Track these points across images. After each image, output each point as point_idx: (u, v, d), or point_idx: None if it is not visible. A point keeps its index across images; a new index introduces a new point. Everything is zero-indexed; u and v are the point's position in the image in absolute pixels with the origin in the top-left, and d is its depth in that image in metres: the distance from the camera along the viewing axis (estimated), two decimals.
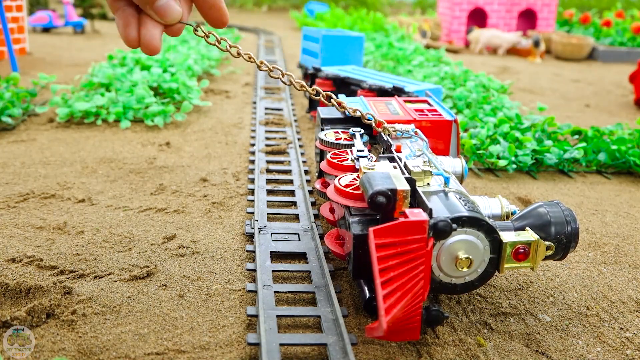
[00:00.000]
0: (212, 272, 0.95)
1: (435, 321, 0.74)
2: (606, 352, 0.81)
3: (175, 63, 2.46)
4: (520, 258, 0.79)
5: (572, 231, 0.83)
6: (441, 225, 0.70)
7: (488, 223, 0.76)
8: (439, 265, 0.77)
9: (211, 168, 1.45)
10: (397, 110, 1.22)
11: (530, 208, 0.87)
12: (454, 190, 0.84)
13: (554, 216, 0.84)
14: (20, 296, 0.86)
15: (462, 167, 1.04)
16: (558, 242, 0.83)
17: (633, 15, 5.28)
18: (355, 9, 6.30)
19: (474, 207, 0.80)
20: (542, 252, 0.80)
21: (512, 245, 0.78)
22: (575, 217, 0.85)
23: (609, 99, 2.68)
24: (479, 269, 0.78)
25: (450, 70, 2.62)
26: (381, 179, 0.78)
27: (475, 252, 0.76)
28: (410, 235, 0.69)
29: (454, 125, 1.16)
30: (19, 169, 1.38)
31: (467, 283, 0.78)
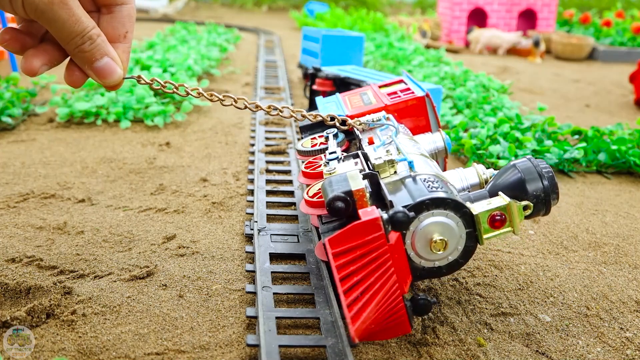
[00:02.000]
0: (212, 272, 0.95)
1: (424, 310, 0.73)
2: (606, 352, 0.81)
3: (175, 63, 2.46)
4: (497, 225, 0.77)
5: (548, 184, 0.81)
6: (398, 217, 0.69)
7: (453, 199, 0.74)
8: (416, 252, 0.75)
9: (211, 168, 1.45)
10: (370, 99, 1.18)
11: (501, 170, 0.85)
12: (421, 172, 0.82)
13: (526, 173, 0.81)
14: (20, 296, 0.86)
15: (443, 140, 1.02)
16: (536, 199, 0.80)
17: (633, 15, 5.28)
18: (355, 9, 6.30)
19: (442, 186, 0.78)
20: (520, 213, 0.78)
21: (486, 215, 0.76)
22: (550, 169, 0.82)
23: (609, 99, 2.68)
24: (459, 246, 0.76)
25: (450, 70, 2.62)
26: (337, 183, 0.77)
27: (448, 231, 0.75)
28: (366, 236, 0.68)
29: (427, 100, 1.12)
30: (19, 169, 1.38)
31: (451, 263, 0.77)
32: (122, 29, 0.72)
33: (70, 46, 0.67)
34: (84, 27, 0.66)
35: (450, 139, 1.04)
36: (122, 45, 0.72)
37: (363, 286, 0.67)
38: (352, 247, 0.68)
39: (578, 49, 4.02)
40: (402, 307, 0.70)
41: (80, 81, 0.70)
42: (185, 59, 2.56)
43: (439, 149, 1.02)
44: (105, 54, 0.69)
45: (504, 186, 0.82)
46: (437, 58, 3.13)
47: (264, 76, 2.67)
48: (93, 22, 0.67)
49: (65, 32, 0.65)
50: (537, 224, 1.22)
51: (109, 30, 0.71)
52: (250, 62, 3.21)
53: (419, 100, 1.12)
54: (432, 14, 5.88)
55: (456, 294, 0.93)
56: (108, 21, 0.71)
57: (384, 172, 0.83)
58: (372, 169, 0.85)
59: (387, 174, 0.83)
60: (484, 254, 1.07)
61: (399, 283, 0.70)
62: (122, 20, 0.72)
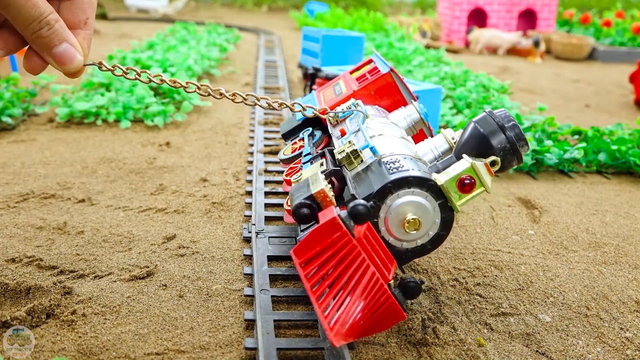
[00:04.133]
0: (212, 272, 0.95)
1: (414, 292, 0.72)
2: (606, 352, 0.81)
3: (175, 63, 2.46)
4: (468, 189, 0.75)
5: (512, 134, 0.78)
6: (358, 210, 0.68)
7: (414, 176, 0.73)
8: (394, 237, 0.75)
9: (211, 168, 1.45)
10: (342, 89, 1.14)
11: (463, 131, 0.82)
12: (385, 154, 0.80)
13: (487, 128, 0.78)
14: (20, 296, 0.86)
15: (417, 111, 0.99)
16: (503, 151, 0.77)
17: (633, 15, 5.27)
18: (355, 9, 6.30)
19: (403, 165, 0.77)
20: (488, 171, 0.76)
21: (453, 182, 0.75)
22: (510, 117, 0.79)
23: (609, 99, 2.68)
24: (435, 219, 0.75)
25: (450, 70, 2.62)
26: (299, 190, 0.76)
27: (419, 208, 0.74)
28: (329, 238, 0.67)
29: (393, 75, 1.08)
30: (19, 169, 1.38)
31: (433, 238, 0.76)
32: (83, 15, 0.70)
33: (28, 32, 0.66)
34: (41, 12, 0.65)
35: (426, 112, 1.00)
36: (82, 32, 0.71)
37: (337, 289, 0.67)
38: (318, 252, 0.67)
39: (578, 49, 4.01)
40: (389, 296, 0.69)
41: (39, 68, 0.69)
42: (185, 59, 2.56)
43: (415, 120, 0.99)
44: (64, 40, 0.67)
45: (468, 147, 0.79)
46: (437, 58, 3.13)
47: (264, 76, 2.67)
48: (51, 8, 0.66)
49: (21, 17, 0.64)
50: (537, 224, 1.22)
51: (68, 16, 0.69)
52: (250, 62, 3.21)
53: (385, 77, 1.08)
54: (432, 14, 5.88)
55: (456, 294, 0.93)
56: (68, 7, 0.70)
57: (351, 164, 0.82)
58: (339, 164, 0.83)
59: (355, 164, 0.81)
60: (484, 254, 1.07)
61: (380, 273, 0.69)
62: (83, 6, 0.70)
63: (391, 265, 0.73)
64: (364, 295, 0.67)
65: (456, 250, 1.08)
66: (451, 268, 1.01)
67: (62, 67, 0.68)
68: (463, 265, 1.02)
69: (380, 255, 0.71)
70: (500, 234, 1.16)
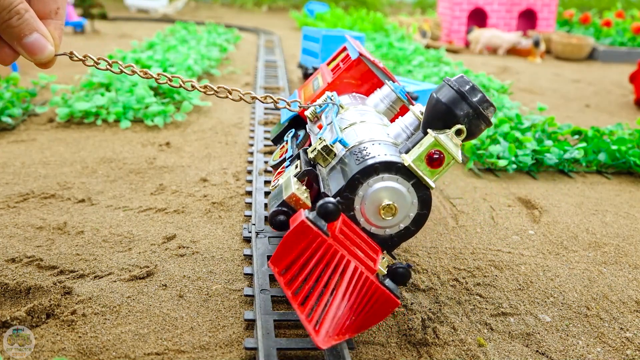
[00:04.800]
0: (212, 272, 0.95)
1: (404, 277, 0.71)
2: (606, 352, 0.81)
3: (175, 63, 2.46)
4: (437, 164, 0.73)
5: (474, 99, 0.74)
6: (327, 208, 0.67)
7: (380, 162, 0.72)
8: (375, 225, 0.74)
9: (211, 168, 1.45)
10: (319, 83, 1.10)
11: (426, 104, 0.80)
12: (355, 144, 0.79)
13: (447, 98, 0.75)
14: (20, 296, 0.86)
15: (392, 90, 0.97)
16: (467, 118, 0.74)
17: (633, 15, 5.27)
18: (355, 9, 6.30)
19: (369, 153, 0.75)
20: (455, 140, 0.74)
21: (420, 160, 0.73)
22: (470, 82, 0.76)
23: (609, 99, 2.68)
24: (413, 200, 0.74)
25: (451, 70, 2.62)
26: (273, 198, 0.75)
27: (393, 193, 0.73)
28: (302, 242, 0.66)
29: (363, 59, 1.05)
30: (19, 169, 1.38)
31: (414, 218, 0.75)
32: (54, 5, 0.70)
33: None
34: (11, 1, 0.64)
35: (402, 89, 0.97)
36: (53, 22, 0.70)
37: (318, 290, 0.66)
38: (295, 258, 0.66)
39: (578, 49, 4.01)
40: (377, 287, 0.68)
41: (9, 58, 0.68)
42: (185, 59, 2.56)
43: (393, 100, 0.97)
44: (34, 30, 0.67)
45: (433, 120, 0.76)
46: (437, 58, 3.13)
47: (264, 76, 2.67)
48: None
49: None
50: (537, 224, 1.22)
51: (39, 6, 0.69)
52: (250, 62, 3.21)
53: (356, 63, 1.05)
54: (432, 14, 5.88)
55: (456, 294, 0.93)
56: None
57: (326, 161, 0.80)
58: (314, 163, 0.82)
59: (329, 160, 0.80)
60: (484, 254, 1.07)
61: (364, 265, 0.68)
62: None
63: (376, 254, 0.72)
64: (350, 291, 0.67)
65: (456, 250, 1.08)
66: (451, 268, 1.01)
67: (32, 58, 0.68)
68: (463, 265, 1.02)
69: (362, 247, 0.71)
70: (500, 234, 1.16)
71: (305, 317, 0.65)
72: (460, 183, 1.44)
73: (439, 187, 1.40)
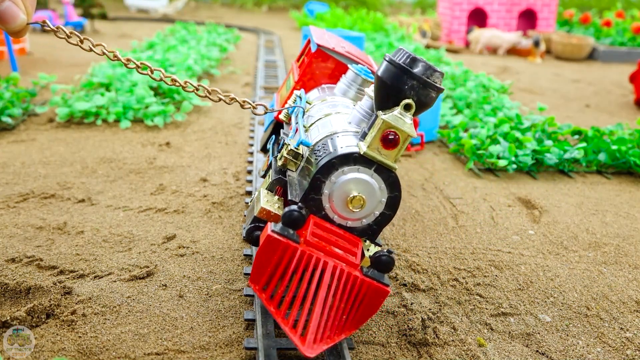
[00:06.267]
0: (212, 272, 0.95)
1: (388, 265, 0.70)
2: (606, 352, 0.81)
3: (175, 63, 2.46)
4: (394, 144, 0.71)
5: (416, 70, 0.71)
6: (292, 217, 0.66)
7: (336, 156, 0.71)
8: (349, 219, 0.73)
9: (211, 168, 1.45)
10: (290, 84, 1.07)
11: (374, 86, 0.77)
12: (316, 140, 0.77)
13: (388, 75, 0.72)
14: (20, 296, 0.86)
15: (357, 73, 0.93)
16: (414, 91, 0.71)
17: (633, 15, 5.27)
18: (355, 9, 6.30)
19: (327, 148, 0.74)
20: (404, 116, 0.71)
21: (375, 144, 0.71)
22: (409, 54, 0.72)
23: (609, 99, 2.68)
24: (379, 185, 0.72)
25: (451, 70, 2.62)
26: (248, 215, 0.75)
27: (358, 183, 0.72)
28: (274, 255, 0.66)
29: (322, 49, 1.01)
30: (19, 169, 1.38)
31: (387, 202, 0.73)
32: None
33: None
34: None
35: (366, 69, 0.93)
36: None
37: (300, 299, 0.65)
38: (271, 273, 0.66)
39: (578, 49, 4.01)
40: (362, 280, 0.68)
41: None
42: (185, 59, 2.56)
43: (359, 82, 0.94)
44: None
45: (381, 100, 0.74)
46: (437, 58, 3.13)
47: (264, 76, 2.67)
48: None
49: None
50: (537, 224, 1.22)
51: None
52: (250, 62, 3.21)
53: (317, 55, 1.02)
54: (432, 14, 5.88)
55: (456, 294, 0.93)
56: None
57: (296, 165, 0.78)
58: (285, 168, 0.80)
59: (299, 163, 0.78)
60: (484, 254, 1.07)
61: (345, 261, 0.68)
62: None
63: (356, 247, 0.71)
64: (333, 291, 0.66)
65: (456, 250, 1.08)
66: (451, 268, 1.01)
67: (5, 26, 0.67)
68: (463, 265, 1.02)
69: (339, 244, 0.70)
70: (500, 234, 1.16)
71: (290, 329, 0.64)
72: (460, 183, 1.44)
73: (439, 187, 1.40)
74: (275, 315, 0.65)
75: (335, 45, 1.04)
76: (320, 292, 0.65)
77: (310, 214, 0.72)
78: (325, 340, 0.65)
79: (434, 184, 1.42)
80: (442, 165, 1.56)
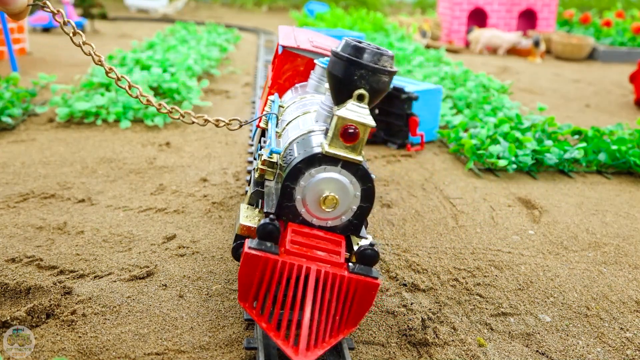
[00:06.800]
0: (212, 272, 0.95)
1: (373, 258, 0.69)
2: (606, 352, 0.81)
3: (175, 63, 2.46)
4: (355, 137, 0.69)
5: (362, 58, 0.70)
6: (267, 230, 0.66)
7: (300, 161, 0.70)
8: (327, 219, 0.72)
9: (211, 168, 1.45)
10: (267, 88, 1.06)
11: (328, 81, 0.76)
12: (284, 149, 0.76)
13: (336, 69, 0.71)
14: (20, 296, 0.86)
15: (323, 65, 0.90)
16: (364, 79, 0.70)
17: (633, 15, 5.27)
18: (355, 9, 6.30)
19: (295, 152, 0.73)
20: (360, 107, 0.70)
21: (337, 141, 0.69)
22: (352, 43, 0.71)
23: (609, 99, 2.68)
24: (350, 180, 0.71)
25: (450, 70, 2.62)
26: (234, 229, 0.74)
27: (328, 183, 0.71)
28: (255, 271, 0.65)
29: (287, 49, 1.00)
30: (19, 169, 1.38)
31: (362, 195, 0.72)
32: None
33: None
34: None
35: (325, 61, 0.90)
36: None
37: (287, 310, 0.65)
38: (257, 288, 0.66)
39: (578, 49, 4.01)
40: (350, 278, 0.67)
41: None
42: (185, 59, 2.56)
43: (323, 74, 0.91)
44: None
45: (337, 95, 0.73)
46: (437, 58, 3.13)
47: (264, 76, 2.67)
48: None
49: None
50: (537, 224, 1.22)
51: None
52: (250, 62, 3.21)
53: (284, 56, 1.00)
54: (432, 14, 5.88)
55: (456, 294, 0.93)
56: None
57: (270, 175, 0.77)
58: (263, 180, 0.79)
59: (275, 171, 0.77)
60: (484, 254, 1.07)
61: (328, 262, 0.68)
62: None
63: (339, 246, 0.71)
64: (320, 294, 0.66)
65: (456, 250, 1.08)
66: (451, 268, 1.01)
67: (4, 7, 0.66)
68: (463, 265, 1.02)
69: (320, 246, 0.69)
70: (500, 234, 1.16)
71: (282, 341, 0.64)
72: (460, 183, 1.44)
73: (439, 187, 1.40)
74: (267, 331, 0.65)
75: (302, 42, 1.02)
76: (307, 297, 0.65)
77: (288, 221, 0.72)
78: (320, 345, 0.64)
79: (434, 184, 1.42)
80: (442, 165, 1.56)
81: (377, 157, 1.61)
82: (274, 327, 0.65)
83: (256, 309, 0.66)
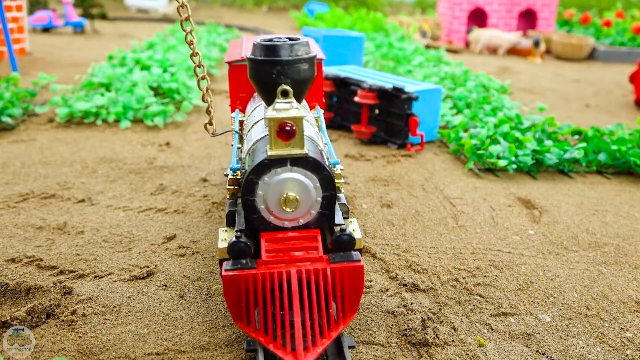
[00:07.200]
0: (212, 272, 0.95)
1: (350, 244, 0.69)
2: (606, 352, 0.81)
3: (175, 63, 2.46)
4: (293, 134, 0.68)
5: (276, 55, 0.69)
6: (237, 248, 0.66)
7: (252, 171, 0.69)
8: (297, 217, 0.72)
9: (211, 168, 1.45)
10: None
11: None
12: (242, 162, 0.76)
13: (253, 74, 0.70)
14: (20, 296, 0.86)
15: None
16: (283, 75, 0.69)
17: (633, 15, 5.27)
18: (355, 9, 6.30)
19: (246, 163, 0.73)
20: (286, 102, 0.69)
21: (277, 142, 0.69)
22: (258, 44, 0.70)
23: (609, 99, 2.68)
24: (305, 173, 0.71)
25: (450, 70, 2.62)
26: None
27: (284, 184, 0.70)
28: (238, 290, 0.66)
29: (234, 64, 1.01)
30: (19, 169, 1.38)
31: (323, 184, 0.71)
32: None
33: None
34: None
35: None
36: None
37: (278, 320, 0.66)
38: (246, 307, 0.67)
39: (578, 49, 4.01)
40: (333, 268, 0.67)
41: None
42: (186, 59, 2.56)
43: None
44: None
45: (265, 98, 0.72)
46: (437, 58, 3.13)
47: None
48: None
49: None
50: (537, 224, 1.22)
51: None
52: None
53: (234, 71, 0.99)
54: (432, 14, 5.88)
55: (456, 294, 0.93)
56: None
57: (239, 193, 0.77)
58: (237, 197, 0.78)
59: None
60: (484, 254, 1.07)
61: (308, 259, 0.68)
62: None
63: (316, 241, 0.71)
64: (306, 295, 0.66)
65: (456, 250, 1.08)
66: (451, 268, 1.01)
67: None
68: (463, 265, 1.02)
69: (297, 246, 0.69)
70: (500, 234, 1.16)
71: (281, 351, 0.64)
72: (460, 183, 1.44)
73: (439, 187, 1.40)
74: (265, 344, 0.65)
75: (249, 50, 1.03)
76: (295, 300, 0.65)
77: (260, 232, 0.72)
78: (320, 342, 0.65)
79: (434, 184, 1.42)
80: (442, 165, 1.56)
81: (377, 157, 1.61)
82: (271, 338, 0.66)
83: (252, 326, 0.67)
